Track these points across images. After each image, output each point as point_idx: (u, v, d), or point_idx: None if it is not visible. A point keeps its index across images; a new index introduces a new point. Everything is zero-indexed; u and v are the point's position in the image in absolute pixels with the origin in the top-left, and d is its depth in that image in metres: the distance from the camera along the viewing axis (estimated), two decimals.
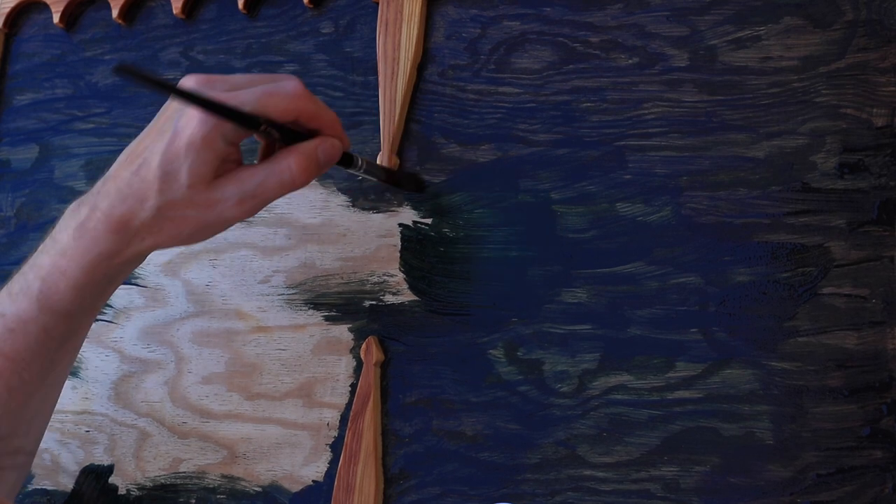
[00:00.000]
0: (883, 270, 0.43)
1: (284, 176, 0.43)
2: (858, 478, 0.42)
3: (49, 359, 0.47)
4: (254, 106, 0.41)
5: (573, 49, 0.51)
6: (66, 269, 0.44)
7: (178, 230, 0.43)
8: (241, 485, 0.54)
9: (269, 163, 0.43)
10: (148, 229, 0.43)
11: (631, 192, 0.48)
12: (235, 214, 0.43)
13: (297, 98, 0.43)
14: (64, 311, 0.45)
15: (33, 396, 0.48)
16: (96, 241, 0.43)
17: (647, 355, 0.46)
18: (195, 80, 0.42)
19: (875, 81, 0.45)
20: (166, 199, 0.42)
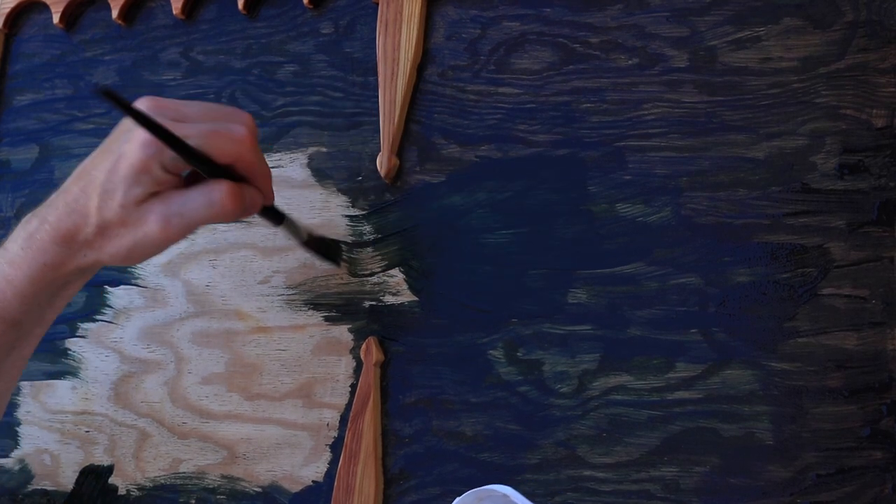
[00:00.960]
0: (883, 271, 0.43)
1: (213, 198, 0.43)
2: (858, 478, 0.42)
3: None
4: (196, 142, 0.42)
5: (573, 50, 0.51)
6: (12, 277, 0.45)
7: (115, 248, 0.44)
8: (241, 485, 0.54)
9: (199, 186, 0.44)
10: (90, 245, 0.44)
11: (631, 193, 0.48)
12: (160, 233, 0.43)
13: (241, 144, 0.43)
14: (10, 318, 0.46)
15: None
16: (43, 252, 0.44)
17: (646, 356, 0.46)
18: (147, 104, 0.43)
19: (875, 82, 0.45)
20: (103, 218, 0.43)
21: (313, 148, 0.57)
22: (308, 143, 0.57)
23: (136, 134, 0.42)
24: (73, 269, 0.45)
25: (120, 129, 0.45)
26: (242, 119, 0.45)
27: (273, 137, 0.58)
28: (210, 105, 0.46)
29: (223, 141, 0.43)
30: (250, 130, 0.44)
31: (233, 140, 0.43)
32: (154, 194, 0.43)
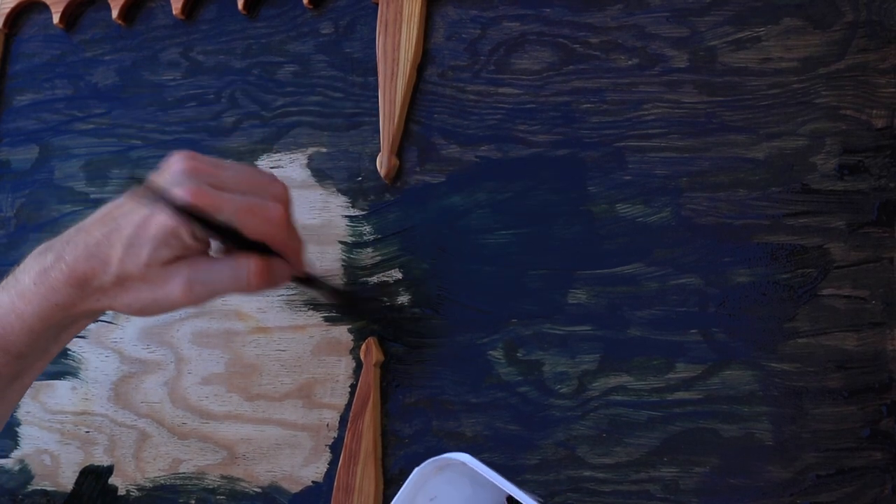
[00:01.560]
0: (883, 272, 0.43)
1: (240, 274, 0.43)
2: (858, 479, 0.42)
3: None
4: (231, 218, 0.42)
5: (573, 50, 0.51)
6: (22, 312, 0.45)
7: (129, 300, 0.44)
8: (241, 485, 0.54)
9: (229, 258, 0.44)
10: (104, 292, 0.44)
11: (631, 193, 0.48)
12: (182, 297, 0.44)
13: (276, 226, 0.43)
14: (16, 352, 0.46)
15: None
16: (55, 291, 0.44)
17: (646, 356, 0.46)
18: (186, 164, 0.43)
19: (875, 83, 0.45)
20: (125, 271, 0.43)
21: (313, 148, 0.57)
22: (308, 143, 0.57)
23: (175, 194, 0.41)
24: (84, 310, 0.45)
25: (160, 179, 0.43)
26: (278, 193, 0.44)
27: (273, 137, 0.58)
28: (247, 170, 0.45)
29: (258, 220, 0.43)
30: (285, 206, 0.44)
31: (268, 220, 0.43)
32: (180, 257, 0.43)
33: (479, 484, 0.44)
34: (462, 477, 0.43)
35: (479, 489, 0.44)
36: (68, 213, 0.63)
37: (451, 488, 0.44)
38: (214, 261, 0.44)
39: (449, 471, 0.43)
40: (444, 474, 0.43)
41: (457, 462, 0.41)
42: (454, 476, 0.43)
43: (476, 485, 0.44)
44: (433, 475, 0.43)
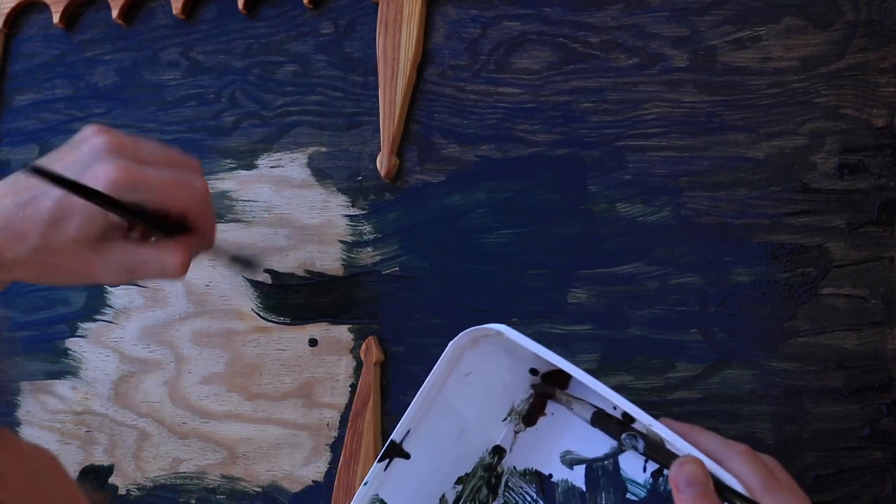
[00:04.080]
0: (883, 271, 0.43)
1: (166, 265, 0.44)
2: (858, 478, 0.42)
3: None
4: (163, 196, 0.42)
5: (573, 49, 0.51)
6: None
7: (47, 273, 0.43)
8: (241, 485, 0.54)
9: (154, 248, 0.44)
10: (19, 265, 0.43)
11: (631, 193, 0.48)
12: (108, 280, 0.44)
13: (200, 200, 0.44)
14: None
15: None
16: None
17: (646, 356, 0.46)
18: (104, 138, 0.42)
19: (875, 82, 0.45)
20: (47, 244, 0.42)
21: (313, 148, 0.57)
22: (308, 143, 0.57)
23: (103, 170, 0.41)
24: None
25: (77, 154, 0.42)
26: (195, 166, 0.45)
27: (273, 137, 0.58)
28: (165, 148, 0.45)
29: (184, 195, 0.43)
30: (203, 181, 0.45)
31: (193, 194, 0.43)
32: (103, 236, 0.42)
33: (516, 357, 0.43)
34: (499, 350, 0.43)
35: (517, 362, 0.44)
36: None
37: (486, 362, 0.43)
38: (140, 247, 0.44)
39: (485, 343, 0.42)
40: (479, 347, 0.43)
41: (492, 333, 0.41)
42: (490, 350, 0.43)
43: (514, 358, 0.44)
44: (468, 349, 0.42)
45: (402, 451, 0.43)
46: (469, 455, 0.45)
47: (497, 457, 0.46)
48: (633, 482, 0.43)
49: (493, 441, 0.46)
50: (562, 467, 0.44)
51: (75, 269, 0.43)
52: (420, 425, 0.43)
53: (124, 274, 0.43)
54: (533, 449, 0.45)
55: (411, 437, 0.43)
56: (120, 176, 0.40)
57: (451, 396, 0.43)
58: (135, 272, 0.44)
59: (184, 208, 0.43)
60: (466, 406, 0.44)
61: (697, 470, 0.35)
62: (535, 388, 0.46)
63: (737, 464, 0.36)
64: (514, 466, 0.45)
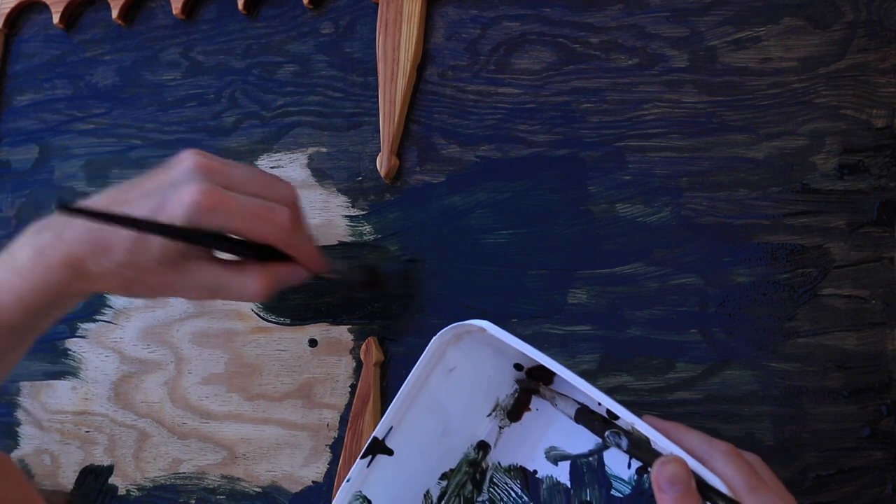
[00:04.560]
0: (883, 271, 0.43)
1: (246, 290, 0.44)
2: (858, 478, 0.42)
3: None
4: (242, 225, 0.42)
5: (573, 50, 0.51)
6: (19, 289, 0.44)
7: (127, 287, 0.44)
8: (241, 485, 0.54)
9: (237, 271, 0.44)
10: (102, 277, 0.44)
11: (631, 193, 0.48)
12: (189, 297, 0.45)
13: (282, 230, 0.44)
14: (10, 326, 0.46)
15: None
16: (51, 270, 0.44)
17: (646, 356, 0.46)
18: (195, 160, 0.42)
19: (875, 82, 0.45)
20: (132, 261, 0.42)
21: (313, 148, 0.57)
22: (308, 143, 0.57)
23: (187, 191, 0.41)
24: (79, 290, 0.45)
25: (165, 175, 0.43)
26: (285, 195, 0.44)
27: (273, 137, 0.58)
28: (254, 170, 0.45)
29: (265, 225, 0.43)
30: (292, 208, 0.44)
31: (274, 224, 0.43)
32: (185, 256, 0.43)
33: (500, 352, 0.43)
34: (482, 346, 0.43)
35: (501, 357, 0.44)
36: None
37: (470, 358, 0.43)
38: (222, 268, 0.44)
39: (468, 339, 0.42)
40: (463, 343, 0.43)
41: (475, 329, 0.40)
42: (473, 346, 0.43)
43: (498, 353, 0.44)
44: (452, 344, 0.42)
45: (385, 447, 0.43)
46: (453, 450, 0.45)
47: (482, 452, 0.46)
48: (617, 479, 0.43)
49: (478, 436, 0.46)
50: (546, 463, 0.44)
51: (158, 286, 0.44)
52: (403, 422, 0.43)
53: (205, 293, 0.44)
54: (518, 444, 0.45)
55: (394, 434, 0.43)
56: (202, 200, 0.41)
57: (435, 392, 0.43)
58: (216, 293, 0.44)
59: (265, 239, 0.43)
60: (450, 402, 0.44)
61: (680, 469, 0.35)
62: (520, 384, 0.46)
63: (720, 463, 0.36)
64: (498, 462, 0.45)
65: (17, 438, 0.61)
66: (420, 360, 0.42)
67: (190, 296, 0.45)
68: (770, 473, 0.37)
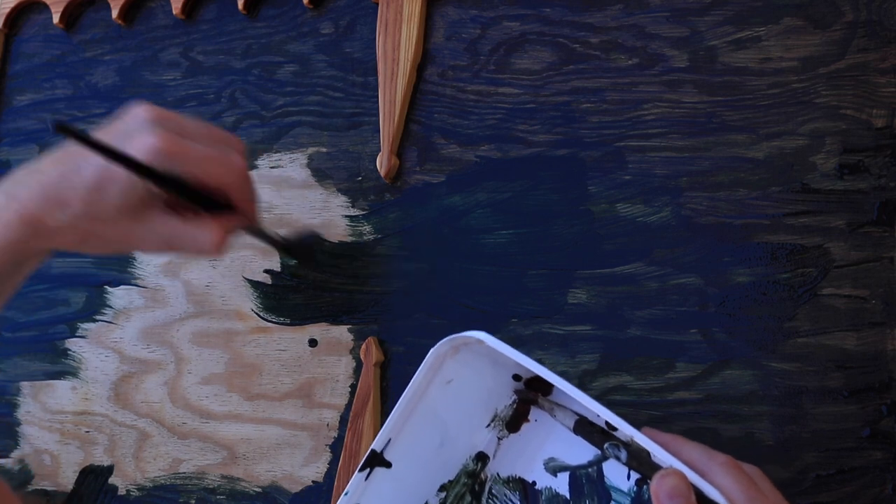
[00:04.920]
0: (883, 271, 0.43)
1: (202, 242, 0.44)
2: (858, 478, 0.42)
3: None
4: (200, 170, 0.42)
5: (573, 50, 0.51)
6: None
7: (87, 240, 0.44)
8: (241, 485, 0.54)
9: (193, 224, 0.44)
10: (60, 232, 0.43)
11: (631, 193, 0.48)
12: (146, 249, 0.45)
13: (238, 176, 0.44)
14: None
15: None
16: (9, 229, 0.43)
17: (646, 356, 0.46)
18: (149, 112, 0.42)
19: (875, 82, 0.45)
20: (89, 212, 0.42)
21: (313, 148, 0.57)
22: (308, 143, 0.57)
23: (146, 138, 0.41)
24: (37, 249, 0.45)
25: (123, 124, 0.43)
26: (237, 144, 0.45)
27: (273, 137, 0.58)
28: (207, 125, 0.45)
29: (222, 169, 0.43)
30: (244, 158, 0.45)
31: (231, 169, 0.43)
32: (144, 204, 0.43)
33: (498, 363, 0.43)
34: (480, 358, 0.43)
35: (500, 368, 0.44)
36: None
37: (468, 370, 0.43)
38: (178, 220, 0.44)
39: (466, 351, 0.42)
40: (460, 355, 0.43)
41: (473, 341, 0.40)
42: (471, 357, 0.43)
43: (496, 364, 0.44)
44: (449, 356, 0.42)
45: (384, 459, 0.43)
46: (452, 462, 0.45)
47: (480, 463, 0.46)
48: (617, 490, 0.43)
49: (477, 447, 0.46)
50: (546, 474, 0.44)
51: (115, 238, 0.44)
52: (401, 434, 0.43)
53: (163, 245, 0.44)
54: (517, 455, 0.45)
55: (392, 446, 0.43)
56: (161, 145, 0.41)
57: (433, 404, 0.43)
58: (172, 245, 0.44)
59: (223, 184, 0.44)
60: (449, 413, 0.44)
61: (679, 483, 0.35)
62: (519, 395, 0.46)
63: (720, 476, 0.36)
64: (497, 473, 0.45)
65: (17, 438, 0.61)
66: (418, 371, 0.42)
67: (146, 247, 0.44)
68: (769, 485, 0.37)
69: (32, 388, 0.62)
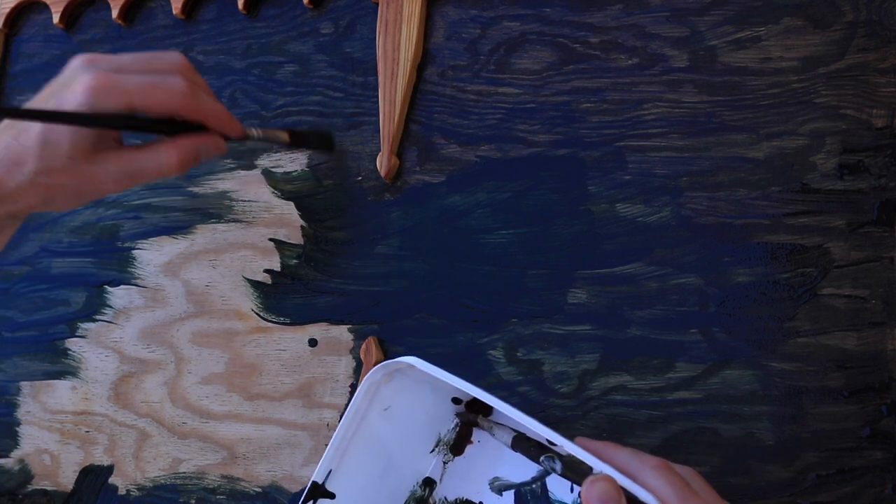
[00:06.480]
0: (883, 271, 0.43)
1: (163, 166, 0.44)
2: (858, 478, 0.42)
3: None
4: (138, 98, 0.42)
5: (573, 49, 0.51)
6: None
7: (51, 195, 0.44)
8: (241, 485, 0.54)
9: (151, 150, 0.45)
10: (22, 192, 0.44)
11: (631, 193, 0.48)
12: (111, 189, 0.45)
13: (181, 97, 0.44)
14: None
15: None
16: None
17: (646, 356, 0.46)
18: (83, 58, 0.43)
19: (875, 82, 0.45)
20: (44, 166, 0.43)
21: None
22: None
23: (79, 81, 0.41)
24: (3, 215, 0.45)
25: (60, 78, 0.44)
26: (175, 62, 0.45)
27: None
28: (146, 55, 0.45)
29: (162, 95, 0.43)
30: (186, 74, 0.45)
31: (171, 93, 0.43)
32: (97, 145, 0.43)
33: (437, 388, 0.43)
34: (418, 383, 0.43)
35: (439, 392, 0.45)
36: (68, 214, 0.63)
37: (406, 396, 0.44)
38: (134, 151, 0.44)
39: (401, 377, 0.43)
40: (395, 382, 0.43)
41: (404, 365, 0.40)
42: (408, 383, 0.43)
43: (436, 389, 0.44)
44: (384, 384, 0.43)
45: (327, 491, 0.43)
46: (400, 489, 0.46)
47: (428, 489, 0.46)
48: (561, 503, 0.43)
49: (423, 473, 0.46)
50: (492, 494, 0.45)
51: (77, 186, 0.44)
52: (342, 464, 0.43)
53: (126, 180, 0.44)
54: (463, 478, 0.46)
55: (335, 477, 0.43)
56: (95, 83, 0.41)
57: (374, 432, 0.43)
58: (135, 176, 0.44)
59: (169, 109, 0.44)
60: (391, 440, 0.44)
61: (609, 487, 0.35)
62: (460, 417, 0.46)
63: (651, 478, 0.36)
64: (445, 497, 0.46)
65: (17, 438, 0.61)
66: (352, 401, 0.42)
67: (111, 185, 0.44)
68: (703, 483, 0.37)
69: (32, 388, 0.62)
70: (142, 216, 0.61)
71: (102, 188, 0.45)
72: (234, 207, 0.58)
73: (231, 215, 0.58)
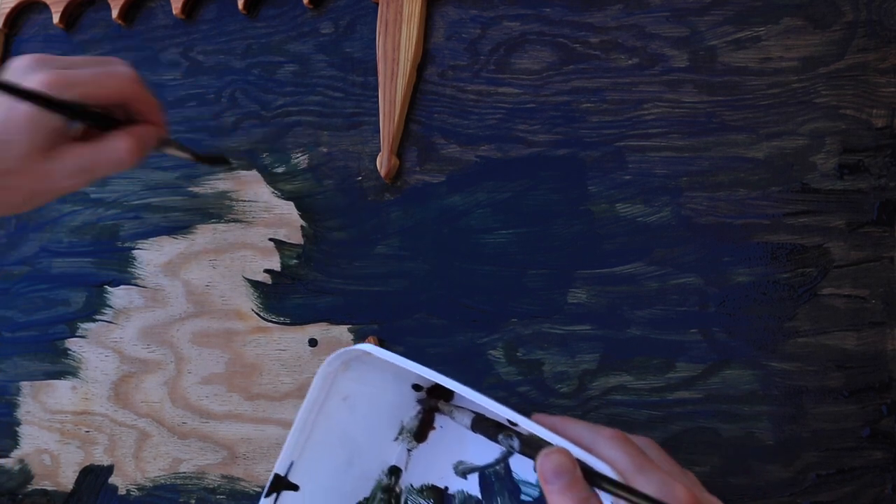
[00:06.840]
0: (883, 271, 0.43)
1: (117, 156, 0.44)
2: (858, 478, 0.42)
3: None
4: (92, 90, 0.43)
5: (573, 49, 0.51)
6: None
7: (9, 198, 0.44)
8: (241, 485, 0.54)
9: (103, 142, 0.44)
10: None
11: (631, 193, 0.48)
12: (68, 186, 0.45)
13: (131, 83, 0.44)
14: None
15: None
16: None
17: (646, 356, 0.46)
18: (30, 58, 0.43)
19: (875, 82, 0.45)
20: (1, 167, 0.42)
21: (313, 148, 0.57)
22: (308, 143, 0.57)
23: (32, 79, 0.41)
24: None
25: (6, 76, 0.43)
26: (122, 62, 0.46)
27: (273, 137, 0.58)
28: (89, 56, 0.46)
29: (113, 82, 0.44)
30: (132, 69, 0.45)
31: (121, 80, 0.44)
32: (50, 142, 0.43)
33: (397, 375, 0.43)
34: (377, 371, 0.43)
35: (399, 380, 0.45)
36: (68, 214, 0.63)
37: (365, 385, 0.43)
38: (89, 144, 0.44)
39: (358, 365, 0.42)
40: (352, 370, 0.43)
41: (361, 353, 0.40)
42: (366, 371, 0.43)
43: (396, 376, 0.44)
44: (341, 372, 0.42)
45: (290, 483, 0.43)
46: (366, 478, 0.46)
47: (394, 477, 0.46)
48: (525, 483, 0.43)
49: (388, 462, 0.46)
50: (456, 478, 0.45)
51: (34, 185, 0.43)
52: (304, 455, 0.43)
53: (83, 175, 0.44)
54: (428, 464, 0.46)
55: (297, 468, 0.43)
56: (51, 79, 0.41)
57: (335, 422, 0.43)
58: (90, 170, 0.44)
59: (120, 95, 0.44)
60: (354, 429, 0.44)
61: (563, 459, 0.35)
62: (422, 404, 0.46)
63: (606, 448, 0.36)
64: (411, 484, 0.46)
65: (17, 438, 0.61)
66: (309, 391, 0.42)
67: (67, 182, 0.44)
68: (662, 454, 0.37)
69: (32, 388, 0.62)
70: (142, 216, 0.61)
71: (58, 185, 0.44)
72: (234, 207, 0.58)
73: (231, 215, 0.58)
